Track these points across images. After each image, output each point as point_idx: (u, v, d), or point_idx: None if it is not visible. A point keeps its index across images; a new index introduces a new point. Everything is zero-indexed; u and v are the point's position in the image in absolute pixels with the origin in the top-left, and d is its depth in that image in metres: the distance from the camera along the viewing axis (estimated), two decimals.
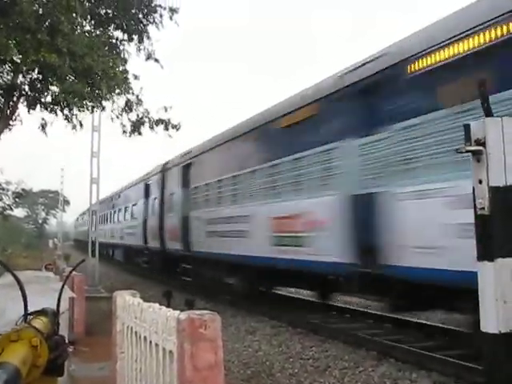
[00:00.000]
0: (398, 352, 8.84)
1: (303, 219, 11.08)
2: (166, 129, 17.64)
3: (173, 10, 16.30)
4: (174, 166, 21.27)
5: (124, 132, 17.77)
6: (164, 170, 22.83)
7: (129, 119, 17.56)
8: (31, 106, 15.29)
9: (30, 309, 2.87)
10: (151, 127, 17.60)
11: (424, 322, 11.07)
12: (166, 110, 17.71)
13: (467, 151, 3.28)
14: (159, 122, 17.61)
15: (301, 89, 12.56)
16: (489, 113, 3.31)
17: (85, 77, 14.00)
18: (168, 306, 4.12)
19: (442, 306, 9.38)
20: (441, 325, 10.66)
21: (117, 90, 15.67)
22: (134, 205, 28.94)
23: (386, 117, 8.77)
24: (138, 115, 17.51)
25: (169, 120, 17.70)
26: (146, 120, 17.57)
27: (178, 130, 17.73)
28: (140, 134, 17.72)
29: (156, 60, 17.23)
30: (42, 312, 2.80)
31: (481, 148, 3.24)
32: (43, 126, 16.36)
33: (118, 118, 17.48)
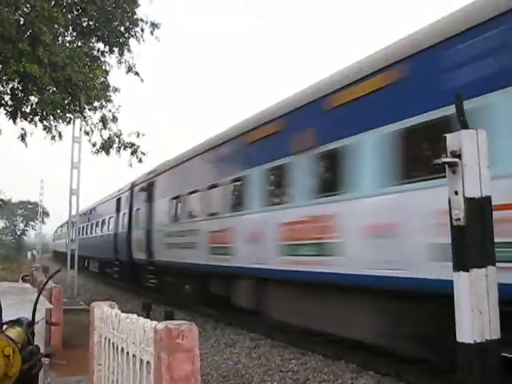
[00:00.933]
0: (378, 364, 8.87)
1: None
2: (133, 154, 17.59)
3: (154, 25, 16.33)
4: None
5: (93, 146, 17.68)
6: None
7: (101, 136, 17.49)
8: (11, 116, 15.16)
9: (5, 319, 2.83)
10: (118, 150, 17.53)
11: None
12: (137, 136, 17.73)
13: (443, 163, 3.32)
14: (128, 145, 17.54)
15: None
16: (464, 125, 3.36)
17: (65, 87, 13.92)
18: (147, 318, 4.09)
19: None
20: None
21: (95, 103, 15.61)
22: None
23: None
24: (110, 134, 17.42)
25: (138, 146, 17.70)
26: (116, 141, 17.48)
27: (140, 161, 17.77)
28: (107, 153, 17.63)
29: (136, 73, 17.20)
30: (16, 322, 2.77)
31: (456, 160, 3.28)
32: (23, 137, 16.22)
33: (87, 134, 17.42)
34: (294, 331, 11.86)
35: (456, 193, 3.28)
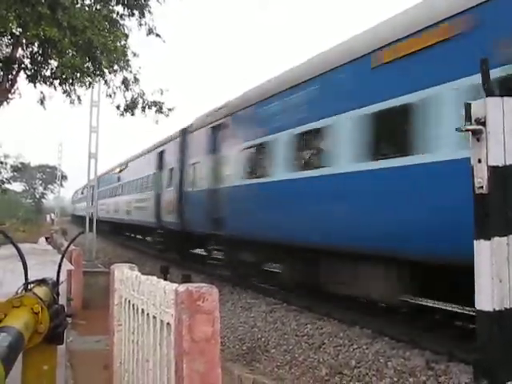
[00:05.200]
0: (392, 331, 8.93)
1: None
2: (160, 112, 17.55)
3: None
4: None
5: (118, 108, 17.69)
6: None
7: (124, 97, 17.48)
8: (31, 79, 15.21)
9: (31, 279, 2.88)
10: (143, 109, 17.53)
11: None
12: (161, 93, 17.63)
13: (467, 130, 3.29)
14: (153, 104, 17.52)
15: None
16: (490, 92, 3.31)
17: (85, 51, 13.90)
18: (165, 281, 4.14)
19: None
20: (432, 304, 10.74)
21: (115, 66, 15.57)
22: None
23: None
24: (132, 96, 17.42)
25: (162, 103, 17.65)
26: (140, 101, 17.48)
27: (167, 115, 17.68)
28: (133, 114, 17.64)
29: (157, 35, 17.06)
30: (42, 281, 2.82)
31: (481, 127, 3.25)
32: (42, 100, 16.32)
33: (111, 96, 17.40)
34: (310, 296, 11.96)
35: (479, 161, 3.25)
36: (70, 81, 14.84)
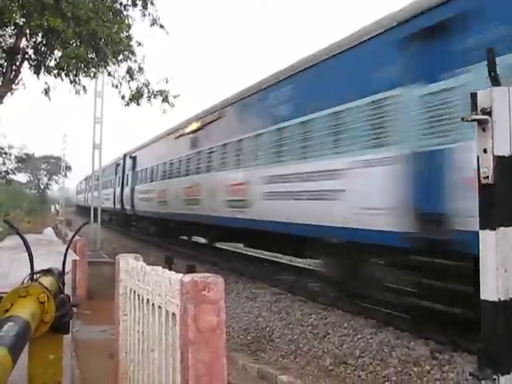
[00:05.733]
0: (397, 320, 8.95)
1: None
2: (165, 101, 17.49)
3: None
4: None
5: (123, 98, 17.64)
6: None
7: (129, 88, 17.43)
8: (35, 70, 15.19)
9: (37, 269, 2.89)
10: (149, 99, 17.46)
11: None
12: (166, 82, 17.55)
13: (473, 120, 3.27)
14: (158, 93, 17.45)
15: None
16: (496, 82, 3.29)
17: (89, 42, 13.87)
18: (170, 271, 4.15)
19: None
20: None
21: (120, 56, 15.53)
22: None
23: None
24: (138, 85, 17.36)
25: (168, 91, 17.58)
26: (145, 91, 17.42)
27: (173, 105, 17.59)
28: (138, 104, 17.57)
29: (161, 26, 16.98)
30: (48, 271, 2.84)
31: (486, 117, 3.23)
32: (46, 91, 16.30)
33: (116, 87, 17.34)
34: (315, 287, 11.99)
35: (485, 151, 3.24)
36: (75, 71, 14.82)
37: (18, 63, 15.57)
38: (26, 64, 15.61)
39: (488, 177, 3.22)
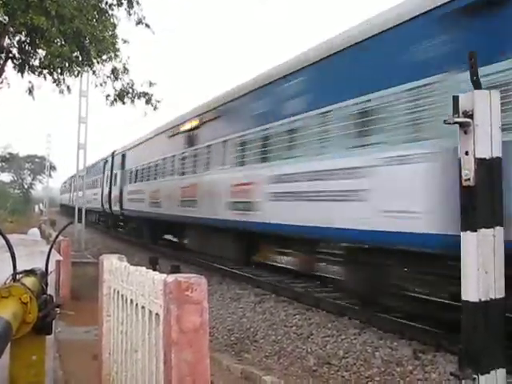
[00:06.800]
0: (380, 321, 8.99)
1: None
2: (148, 103, 17.47)
3: None
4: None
5: (107, 98, 17.55)
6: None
7: (113, 87, 17.35)
8: (20, 69, 15.07)
9: (19, 269, 2.88)
10: (132, 100, 17.41)
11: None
12: (150, 85, 17.54)
13: (455, 122, 3.31)
14: (142, 95, 17.42)
15: None
16: (477, 85, 3.33)
17: (73, 40, 13.79)
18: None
19: None
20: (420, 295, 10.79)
21: (104, 56, 15.45)
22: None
23: None
24: (122, 85, 17.29)
25: (151, 95, 17.55)
26: (130, 91, 17.36)
27: (155, 108, 17.57)
28: (123, 103, 17.51)
29: (147, 25, 16.91)
30: (30, 271, 2.83)
31: (468, 120, 3.26)
32: (30, 90, 16.19)
33: (101, 85, 17.24)
34: (299, 287, 12.01)
35: (467, 153, 3.27)
36: (59, 70, 14.73)
37: (1, 62, 15.44)
38: (9, 63, 15.48)
39: (469, 179, 3.26)
